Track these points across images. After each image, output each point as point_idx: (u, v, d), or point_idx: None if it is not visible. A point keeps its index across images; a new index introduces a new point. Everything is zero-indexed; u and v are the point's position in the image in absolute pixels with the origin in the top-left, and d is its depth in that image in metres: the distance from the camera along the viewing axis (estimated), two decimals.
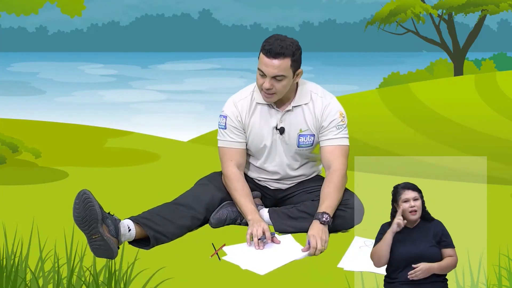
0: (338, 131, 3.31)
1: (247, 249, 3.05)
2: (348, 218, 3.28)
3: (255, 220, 3.15)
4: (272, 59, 3.11)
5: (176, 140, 6.44)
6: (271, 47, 3.10)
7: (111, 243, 2.85)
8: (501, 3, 14.25)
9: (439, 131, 9.35)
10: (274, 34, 3.20)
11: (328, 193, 3.20)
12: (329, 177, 3.25)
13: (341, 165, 3.27)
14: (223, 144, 3.36)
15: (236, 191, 3.29)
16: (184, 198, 3.31)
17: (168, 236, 3.12)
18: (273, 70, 3.12)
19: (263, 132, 3.33)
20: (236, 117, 3.33)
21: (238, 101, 3.34)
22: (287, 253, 3.02)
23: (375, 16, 15.04)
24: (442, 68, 15.60)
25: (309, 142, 3.34)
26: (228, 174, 3.33)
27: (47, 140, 5.85)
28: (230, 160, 3.34)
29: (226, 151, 3.35)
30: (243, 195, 3.28)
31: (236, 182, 3.30)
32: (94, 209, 2.83)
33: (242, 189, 3.29)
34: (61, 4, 4.87)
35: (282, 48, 3.10)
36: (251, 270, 2.84)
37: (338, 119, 3.31)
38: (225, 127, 3.34)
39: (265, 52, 3.12)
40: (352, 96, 11.46)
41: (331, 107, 3.31)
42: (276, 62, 3.11)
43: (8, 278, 2.49)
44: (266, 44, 3.14)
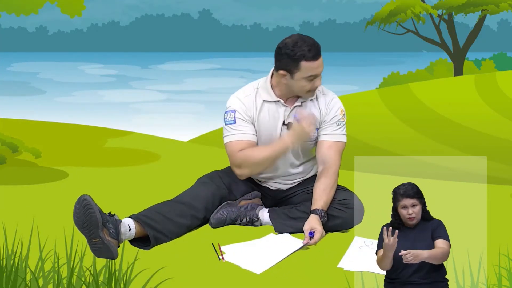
0: (338, 127, 3.33)
1: (245, 248, 3.05)
2: (348, 218, 3.28)
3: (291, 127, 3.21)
4: (319, 58, 3.15)
5: (176, 140, 6.44)
6: (314, 49, 3.12)
7: (111, 246, 2.86)
8: (501, 3, 14.26)
9: (439, 131, 9.36)
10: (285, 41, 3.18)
11: (324, 190, 3.23)
12: (325, 173, 3.27)
13: (337, 161, 3.30)
14: (232, 138, 3.27)
15: (257, 152, 3.24)
16: (185, 196, 3.31)
17: (168, 235, 3.12)
18: (322, 68, 3.18)
19: (271, 129, 3.32)
20: (244, 111, 3.29)
21: (243, 98, 3.32)
22: (284, 248, 3.03)
23: (375, 16, 15.05)
24: (442, 68, 15.61)
25: (314, 136, 3.35)
26: (238, 157, 3.25)
27: (47, 140, 5.85)
28: (240, 150, 3.26)
29: (234, 144, 3.27)
30: (263, 148, 3.25)
31: (252, 151, 3.25)
32: (94, 215, 2.84)
33: (258, 148, 3.27)
34: (61, 4, 4.86)
35: (316, 42, 3.15)
36: (249, 270, 2.84)
37: (339, 115, 3.34)
38: (234, 121, 3.28)
39: (313, 57, 3.12)
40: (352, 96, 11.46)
41: (333, 103, 3.35)
42: (321, 59, 3.16)
43: (8, 278, 2.49)
44: (305, 52, 3.11)
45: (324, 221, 3.17)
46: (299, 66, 3.13)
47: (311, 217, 3.16)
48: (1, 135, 4.96)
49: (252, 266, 2.86)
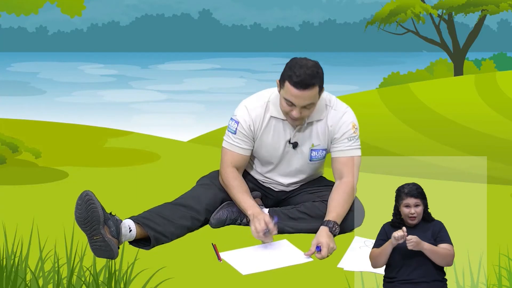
0: (350, 142, 3.28)
1: (244, 254, 3.04)
2: (348, 221, 3.28)
3: (255, 214, 3.13)
4: (302, 91, 3.03)
5: (176, 140, 6.44)
6: (300, 79, 3.01)
7: (112, 244, 2.86)
8: (501, 3, 14.26)
9: (439, 131, 9.36)
10: (294, 59, 3.10)
11: (339, 203, 3.19)
12: (342, 187, 3.24)
13: (353, 177, 3.26)
14: (228, 147, 3.33)
15: (234, 188, 3.28)
16: (185, 198, 3.31)
17: (168, 236, 3.12)
18: (303, 101, 3.07)
19: (274, 144, 3.31)
20: (248, 126, 3.28)
21: (252, 109, 3.28)
22: (286, 258, 2.99)
23: (375, 16, 15.04)
24: (442, 68, 15.60)
25: (321, 155, 3.35)
26: (226, 173, 3.32)
27: (47, 140, 5.84)
28: (231, 162, 3.33)
29: (229, 154, 3.33)
30: (240, 191, 3.27)
31: (233, 180, 3.29)
32: (96, 211, 2.84)
33: (240, 186, 3.29)
34: (61, 4, 4.86)
35: (312, 77, 3.02)
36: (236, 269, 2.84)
37: (351, 130, 3.28)
38: (235, 132, 3.30)
39: (294, 84, 3.02)
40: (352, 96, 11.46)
41: (344, 119, 3.28)
42: (307, 93, 3.04)
43: (8, 278, 2.49)
44: (292, 75, 3.02)
45: (335, 233, 3.11)
46: (284, 84, 3.08)
47: (321, 229, 3.09)
48: (1, 135, 4.96)
49: (241, 266, 2.86)
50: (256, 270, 2.84)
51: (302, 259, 2.98)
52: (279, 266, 2.90)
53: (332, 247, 3.01)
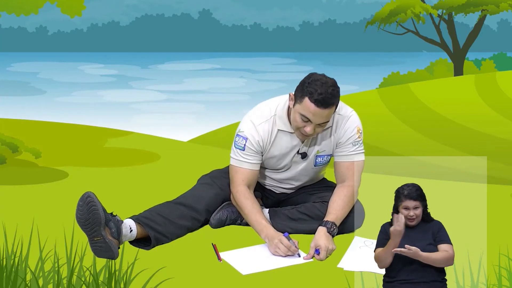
0: (355, 147, 3.27)
1: (244, 254, 3.04)
2: (348, 222, 3.28)
3: (269, 237, 3.06)
4: (322, 109, 3.01)
5: (176, 140, 6.44)
6: (322, 97, 2.97)
7: (112, 245, 2.86)
8: (501, 3, 14.26)
9: (439, 131, 9.36)
10: (313, 74, 3.06)
11: (340, 206, 3.19)
12: (344, 190, 3.24)
13: (356, 181, 3.27)
14: (237, 164, 3.26)
15: (246, 208, 3.21)
16: (186, 197, 3.31)
17: (169, 236, 3.12)
18: (321, 119, 3.05)
19: (283, 155, 3.29)
20: (257, 141, 3.23)
21: (259, 124, 3.23)
22: (286, 258, 2.99)
23: (375, 16, 15.05)
24: (442, 68, 15.60)
25: (326, 160, 3.35)
26: (238, 192, 3.25)
27: (47, 140, 5.84)
28: (242, 180, 3.26)
29: (239, 171, 3.26)
30: (253, 212, 3.20)
31: (245, 200, 3.23)
32: (98, 212, 2.84)
33: (252, 205, 3.21)
34: (61, 4, 4.86)
35: (333, 96, 3.00)
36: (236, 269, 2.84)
37: (355, 135, 3.27)
38: (243, 148, 3.23)
39: (315, 101, 2.99)
40: (352, 96, 11.46)
41: (349, 124, 3.27)
42: (326, 112, 3.02)
43: (8, 278, 2.49)
44: (314, 92, 2.99)
45: (333, 234, 3.11)
46: (302, 100, 3.04)
47: (319, 230, 3.09)
48: (1, 135, 4.96)
49: (241, 266, 2.86)
50: (256, 270, 2.84)
51: (302, 259, 2.98)
52: (279, 266, 2.90)
53: (331, 248, 3.01)
